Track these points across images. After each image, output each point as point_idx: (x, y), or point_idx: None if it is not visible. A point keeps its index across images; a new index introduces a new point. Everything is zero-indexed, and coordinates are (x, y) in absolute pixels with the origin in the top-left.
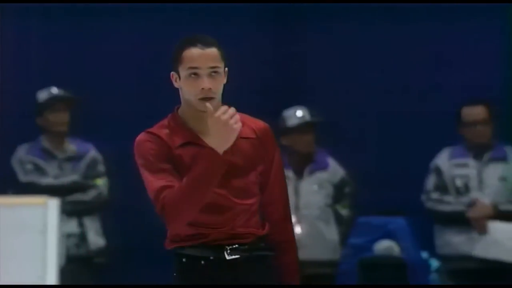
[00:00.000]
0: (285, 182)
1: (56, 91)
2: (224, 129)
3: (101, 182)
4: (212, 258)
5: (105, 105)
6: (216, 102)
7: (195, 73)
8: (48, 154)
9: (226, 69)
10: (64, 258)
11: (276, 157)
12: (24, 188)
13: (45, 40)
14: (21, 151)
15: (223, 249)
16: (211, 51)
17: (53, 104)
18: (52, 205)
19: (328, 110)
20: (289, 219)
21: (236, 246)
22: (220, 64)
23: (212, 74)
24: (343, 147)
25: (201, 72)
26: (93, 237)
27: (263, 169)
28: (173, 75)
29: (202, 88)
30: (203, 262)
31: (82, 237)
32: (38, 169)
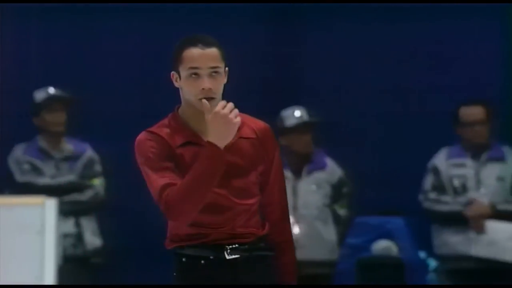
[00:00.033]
0: (284, 183)
1: (53, 91)
2: (223, 123)
3: (97, 182)
4: (212, 258)
5: (102, 105)
6: (216, 102)
7: (196, 73)
8: (45, 154)
9: (226, 68)
10: (61, 258)
11: (276, 157)
12: (21, 188)
13: (44, 40)
14: (18, 151)
15: (223, 249)
16: (212, 51)
17: (50, 104)
18: (50, 205)
19: (326, 110)
20: (287, 219)
21: (236, 246)
22: (220, 64)
23: (213, 74)
24: (341, 147)
25: (202, 72)
26: (89, 237)
27: (263, 169)
28: (174, 74)
29: (202, 88)
30: (203, 262)
31: (78, 237)
32: (35, 169)
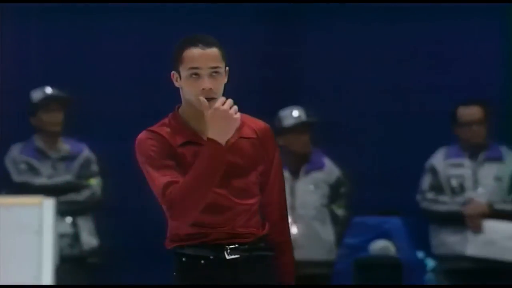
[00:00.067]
0: (283, 183)
1: (50, 90)
2: (224, 119)
3: (94, 182)
4: (212, 257)
5: (100, 105)
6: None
7: (196, 73)
8: (42, 154)
9: (227, 68)
10: (58, 258)
11: (276, 157)
12: (17, 188)
13: (43, 40)
14: (14, 151)
15: (223, 248)
16: (212, 51)
17: (47, 104)
18: (47, 205)
19: (324, 110)
20: (286, 219)
21: (236, 246)
22: (221, 64)
23: (213, 74)
24: (339, 147)
25: (202, 72)
26: (86, 237)
27: (263, 169)
28: (174, 74)
29: (202, 89)
30: (203, 262)
31: (75, 237)
32: (31, 169)
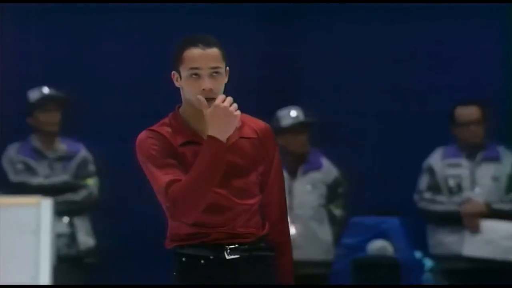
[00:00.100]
0: (283, 183)
1: (47, 90)
2: (224, 116)
3: (91, 182)
4: (212, 257)
5: (98, 105)
6: None
7: (196, 73)
8: (39, 154)
9: (227, 68)
10: (55, 258)
11: (276, 157)
12: (14, 188)
13: (44, 40)
14: (11, 151)
15: (223, 248)
16: (212, 51)
17: (44, 104)
18: (45, 205)
19: (322, 110)
20: (286, 220)
21: (236, 246)
22: (221, 64)
23: (213, 74)
24: (337, 147)
25: (202, 73)
26: (83, 237)
27: (263, 169)
28: (174, 74)
29: (203, 89)
30: (202, 262)
31: (72, 237)
32: (28, 169)
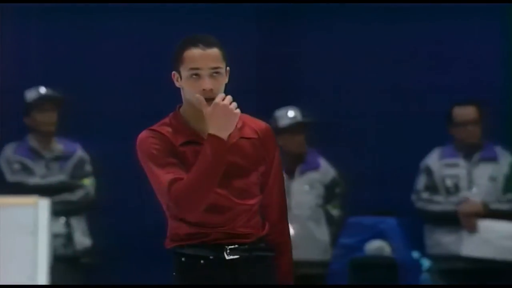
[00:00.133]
0: (283, 184)
1: (44, 90)
2: (224, 114)
3: (88, 182)
4: (211, 257)
5: (97, 105)
6: None
7: (196, 73)
8: (36, 154)
9: (227, 68)
10: (51, 258)
11: (276, 158)
12: (11, 188)
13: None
14: (8, 151)
15: (223, 249)
16: (213, 51)
17: (41, 104)
18: (42, 205)
19: (319, 110)
20: (286, 220)
21: (236, 246)
22: (221, 64)
23: (214, 74)
24: (334, 148)
25: (202, 73)
26: (79, 238)
27: (264, 170)
28: (175, 74)
29: (203, 89)
30: (202, 262)
31: (68, 238)
32: (25, 169)
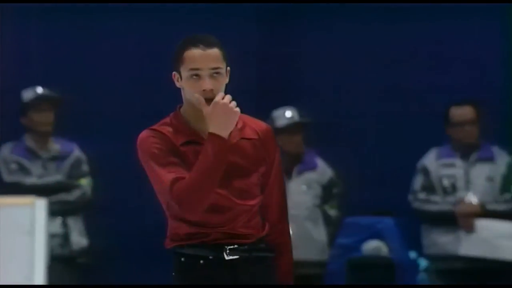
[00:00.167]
0: (283, 184)
1: (41, 90)
2: (224, 113)
3: (85, 182)
4: (211, 258)
5: (96, 105)
6: None
7: (197, 74)
8: (32, 154)
9: (228, 68)
10: (48, 258)
11: (277, 159)
12: (8, 187)
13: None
14: (5, 151)
15: (223, 249)
16: (213, 51)
17: (38, 104)
18: (39, 205)
19: (317, 110)
20: (286, 220)
21: (236, 246)
22: (221, 64)
23: (214, 75)
24: (332, 148)
25: (203, 73)
26: (76, 238)
27: (264, 171)
28: (175, 75)
29: (203, 90)
30: (202, 262)
31: (65, 238)
32: (22, 169)
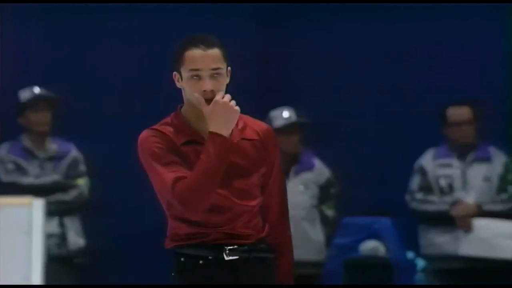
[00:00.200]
0: (284, 185)
1: (38, 90)
2: (224, 111)
3: (82, 182)
4: (210, 258)
5: (92, 105)
6: None
7: (197, 74)
8: (29, 154)
9: (229, 68)
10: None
11: (277, 159)
12: (4, 187)
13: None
14: (2, 151)
15: (222, 249)
16: (213, 52)
17: (35, 104)
18: (37, 205)
19: (315, 110)
20: (286, 221)
21: (235, 247)
22: (222, 65)
23: (214, 75)
24: (329, 148)
25: (203, 74)
26: (73, 238)
27: (264, 171)
28: (176, 75)
29: (204, 90)
30: (201, 262)
31: (62, 237)
32: (19, 169)
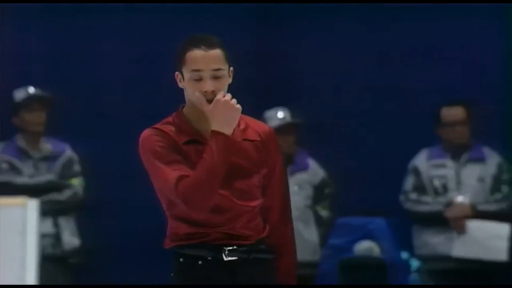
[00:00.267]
0: (286, 186)
1: (33, 90)
2: (226, 110)
3: (76, 182)
4: (209, 258)
5: (85, 105)
6: None
7: (198, 75)
8: (24, 154)
9: (231, 68)
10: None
11: (279, 161)
12: None
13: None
14: None
15: (222, 250)
16: (215, 52)
17: (30, 104)
18: (31, 206)
19: (309, 111)
20: (287, 222)
21: (235, 247)
22: (223, 65)
23: (216, 76)
24: (323, 148)
25: (204, 75)
26: (67, 237)
27: (266, 172)
28: (178, 75)
29: (205, 91)
30: (200, 263)
31: (57, 237)
32: (13, 169)
